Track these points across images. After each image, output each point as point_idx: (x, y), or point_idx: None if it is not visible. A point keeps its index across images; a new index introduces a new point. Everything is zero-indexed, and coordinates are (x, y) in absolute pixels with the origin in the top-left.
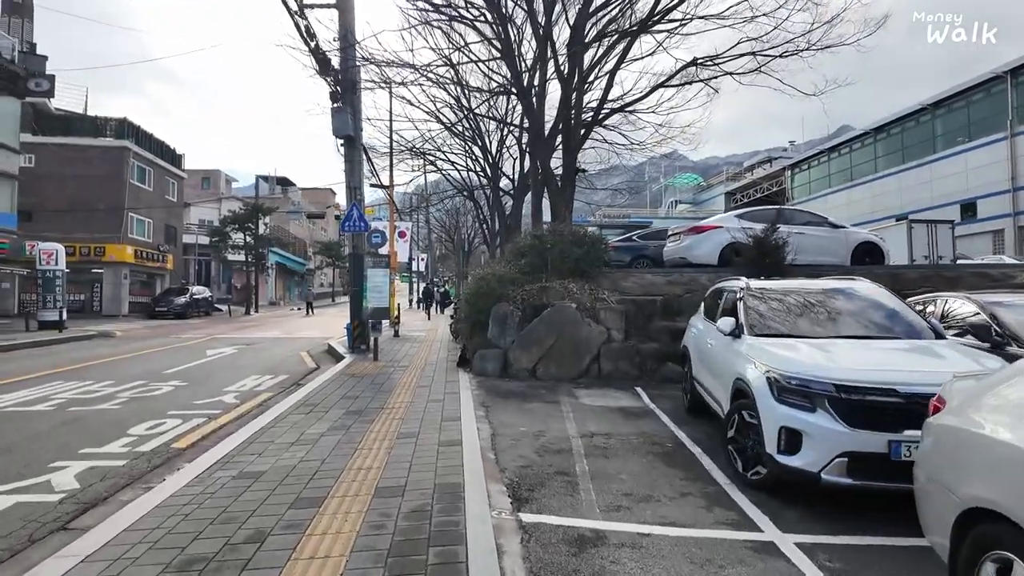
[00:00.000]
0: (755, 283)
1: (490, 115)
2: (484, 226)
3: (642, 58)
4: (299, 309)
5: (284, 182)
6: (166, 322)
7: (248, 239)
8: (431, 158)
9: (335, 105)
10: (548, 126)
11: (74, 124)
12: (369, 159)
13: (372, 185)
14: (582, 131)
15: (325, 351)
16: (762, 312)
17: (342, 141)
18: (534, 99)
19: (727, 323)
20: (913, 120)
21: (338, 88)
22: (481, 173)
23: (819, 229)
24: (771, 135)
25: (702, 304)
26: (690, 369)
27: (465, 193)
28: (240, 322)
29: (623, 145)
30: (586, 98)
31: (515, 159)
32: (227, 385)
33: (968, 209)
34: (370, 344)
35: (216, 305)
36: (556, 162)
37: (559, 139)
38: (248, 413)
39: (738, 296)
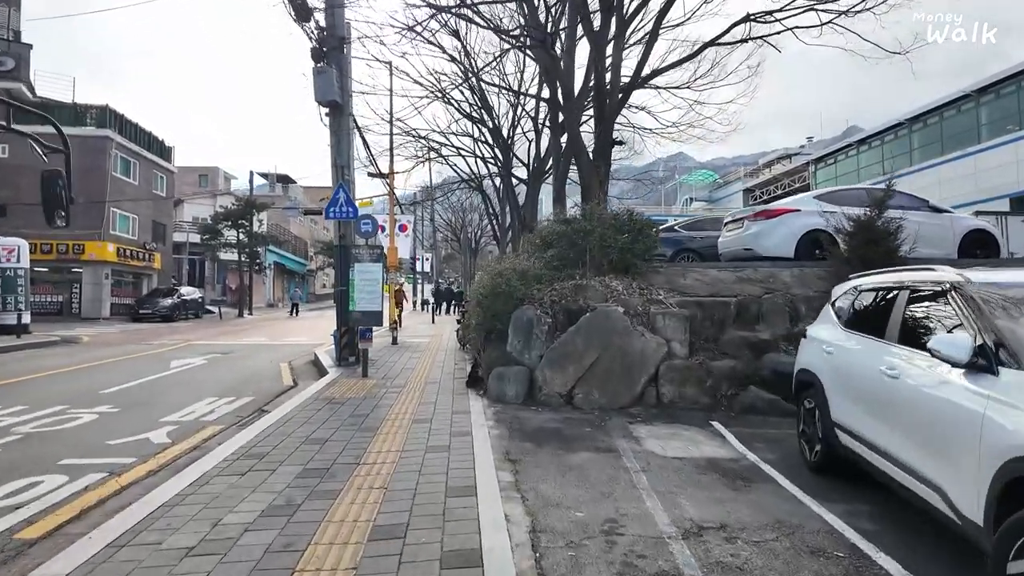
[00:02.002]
0: (980, 275)
1: (500, 84)
2: (494, 220)
3: (681, 23)
4: (297, 311)
5: (285, 179)
6: (149, 326)
7: (242, 237)
8: (434, 144)
9: (318, 65)
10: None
11: (52, 112)
12: (362, 135)
13: (370, 175)
14: (619, 95)
15: (310, 362)
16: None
17: (326, 110)
18: (560, 51)
19: (955, 345)
20: (954, 108)
21: (322, 45)
22: (491, 159)
23: (918, 214)
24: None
25: (829, 309)
26: (823, 408)
27: (473, 184)
28: (229, 326)
29: (649, 129)
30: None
31: (530, 141)
32: (170, 412)
33: (1020, 203)
34: (359, 356)
35: (207, 307)
36: (585, 138)
37: (589, 103)
38: (169, 465)
39: (960, 298)
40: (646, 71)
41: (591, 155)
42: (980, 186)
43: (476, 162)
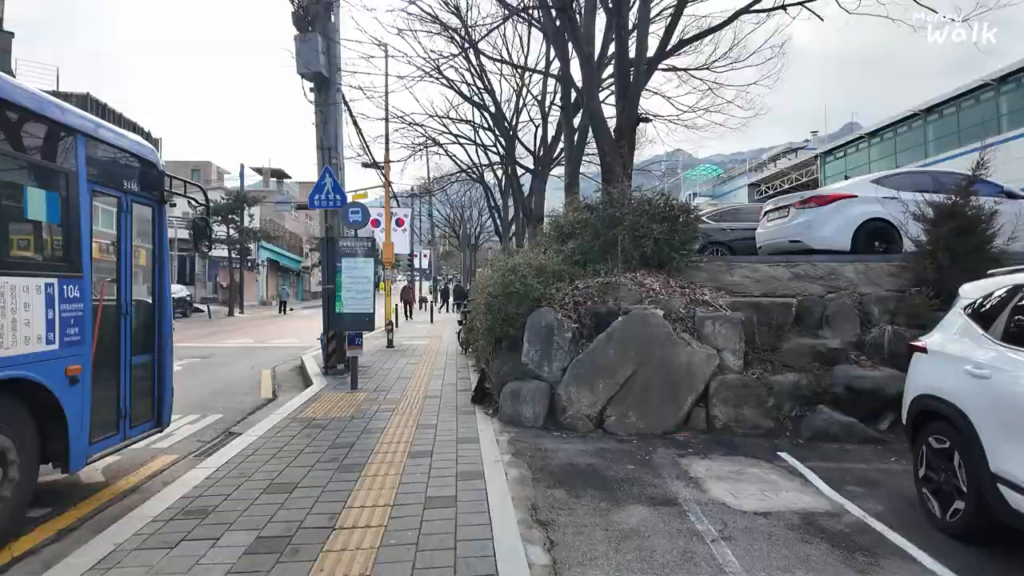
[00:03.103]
0: None
1: (502, 59)
2: (496, 214)
3: None
4: (292, 310)
5: (279, 174)
6: None
7: (232, 232)
8: (432, 132)
9: (301, 33)
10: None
11: None
12: (354, 118)
13: (364, 165)
14: (645, 66)
15: (296, 369)
16: None
17: (311, 85)
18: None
19: None
20: (972, 98)
21: (306, 12)
22: (492, 148)
23: (993, 200)
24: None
25: (961, 315)
26: (971, 453)
27: (473, 175)
28: (217, 326)
29: (662, 117)
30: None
31: (537, 126)
32: None
33: None
34: (348, 364)
35: (196, 306)
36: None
37: (608, 80)
38: (76, 529)
39: None
40: (673, 41)
41: (613, 134)
42: (1002, 178)
43: (477, 152)
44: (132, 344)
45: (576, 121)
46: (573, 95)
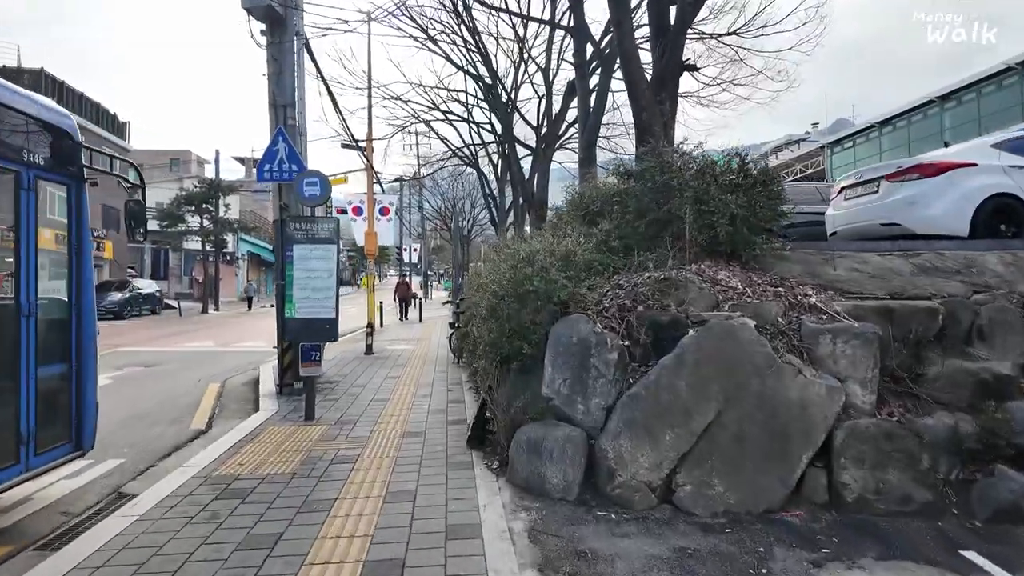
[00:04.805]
0: None
1: (496, 5)
2: (491, 202)
3: None
4: (272, 306)
5: None
6: None
7: (206, 223)
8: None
9: None
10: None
11: None
12: (327, 84)
13: (344, 146)
14: (690, 2)
15: (251, 382)
16: None
17: (262, 26)
18: None
19: None
20: (993, 84)
21: None
22: (487, 124)
23: None
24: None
25: None
26: None
27: (466, 160)
28: (184, 324)
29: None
30: None
31: (541, 98)
32: None
33: None
34: (306, 382)
35: (167, 302)
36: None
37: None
38: None
39: None
40: None
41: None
42: None
43: (470, 132)
44: (38, 352)
45: (593, 84)
46: (589, 50)
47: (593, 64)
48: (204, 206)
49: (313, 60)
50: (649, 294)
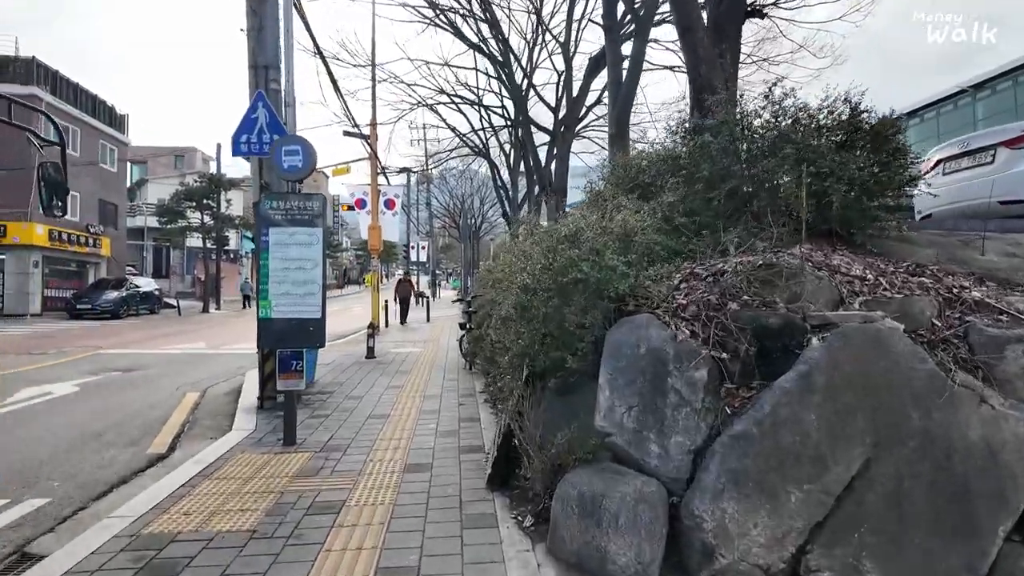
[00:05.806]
0: None
1: None
2: (503, 194)
3: None
4: None
5: None
6: (87, 324)
7: (207, 219)
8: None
9: None
10: None
11: None
12: (324, 59)
13: (346, 133)
14: None
15: (232, 392)
16: None
17: None
18: None
19: None
20: None
21: None
22: (499, 109)
23: None
24: None
25: None
26: None
27: (476, 149)
28: (180, 324)
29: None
30: None
31: (560, 74)
32: None
33: None
34: (290, 399)
35: (168, 301)
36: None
37: None
38: None
39: None
40: None
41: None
42: None
43: (480, 118)
44: None
45: (626, 49)
46: (621, 8)
47: (625, 25)
48: (204, 201)
49: (307, 27)
50: (743, 285)
